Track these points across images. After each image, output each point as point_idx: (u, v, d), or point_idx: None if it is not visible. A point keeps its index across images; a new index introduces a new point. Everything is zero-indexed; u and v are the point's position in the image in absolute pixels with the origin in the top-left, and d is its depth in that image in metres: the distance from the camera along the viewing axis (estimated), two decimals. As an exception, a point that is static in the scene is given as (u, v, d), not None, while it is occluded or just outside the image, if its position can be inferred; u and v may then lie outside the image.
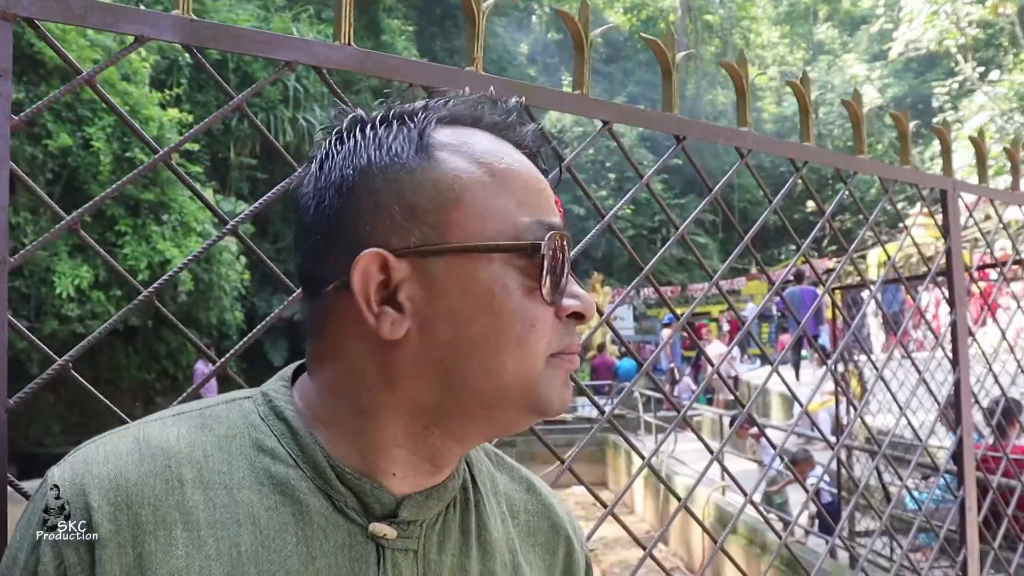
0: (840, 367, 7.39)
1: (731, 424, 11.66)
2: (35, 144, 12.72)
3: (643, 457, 1.72)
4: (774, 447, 2.07)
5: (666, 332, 18.49)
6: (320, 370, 0.86)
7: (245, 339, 1.30)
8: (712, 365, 1.89)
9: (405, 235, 0.81)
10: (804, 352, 15.31)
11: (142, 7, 1.19)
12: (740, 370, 17.15)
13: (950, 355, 2.49)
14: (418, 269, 0.80)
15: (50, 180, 13.95)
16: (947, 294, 2.52)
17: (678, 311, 1.76)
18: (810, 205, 31.32)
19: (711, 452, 1.88)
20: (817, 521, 8.28)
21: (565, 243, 0.83)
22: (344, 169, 0.83)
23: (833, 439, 7.58)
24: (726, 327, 23.74)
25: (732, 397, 2.02)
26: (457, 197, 0.81)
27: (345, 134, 0.86)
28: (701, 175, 1.82)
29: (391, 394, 0.83)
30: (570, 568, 1.03)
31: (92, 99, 12.55)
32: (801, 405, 2.04)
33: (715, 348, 16.85)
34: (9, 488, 1.05)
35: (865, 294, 7.65)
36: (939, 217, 2.55)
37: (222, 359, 1.25)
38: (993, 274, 5.88)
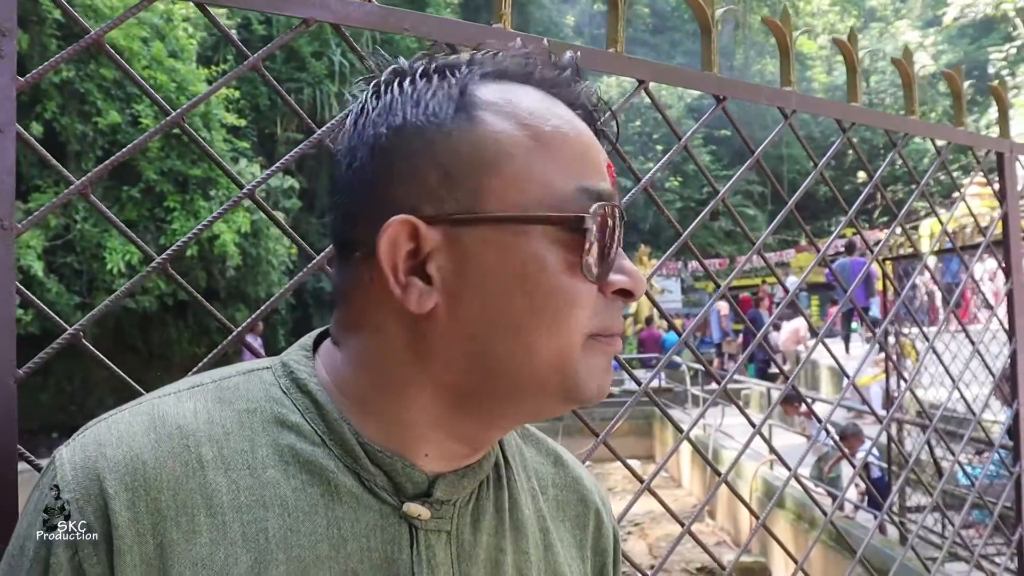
0: (891, 339, 7.25)
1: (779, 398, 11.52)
2: (85, 122, 12.88)
3: (681, 431, 1.66)
4: (819, 421, 2.00)
5: (722, 305, 18.23)
6: (347, 340, 0.81)
7: (260, 310, 1.26)
8: (754, 333, 1.82)
9: (438, 202, 0.74)
10: (854, 325, 15.05)
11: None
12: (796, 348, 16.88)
13: (1006, 326, 2.40)
14: (450, 239, 0.74)
15: (100, 157, 14.13)
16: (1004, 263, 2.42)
17: (737, 284, 1.70)
18: (861, 175, 30.76)
19: (753, 426, 1.82)
20: (866, 497, 8.15)
21: (615, 214, 0.76)
22: (378, 127, 0.77)
23: (883, 413, 7.44)
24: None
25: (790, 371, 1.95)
26: (496, 162, 0.74)
27: (383, 88, 0.80)
28: (742, 135, 1.74)
29: (421, 371, 0.77)
30: (599, 542, 0.98)
31: (140, 76, 12.64)
32: (848, 377, 1.97)
33: (792, 323, 16.38)
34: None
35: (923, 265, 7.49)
36: (996, 184, 2.45)
37: (238, 328, 1.21)
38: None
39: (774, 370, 16.17)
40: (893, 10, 44.79)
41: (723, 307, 18.52)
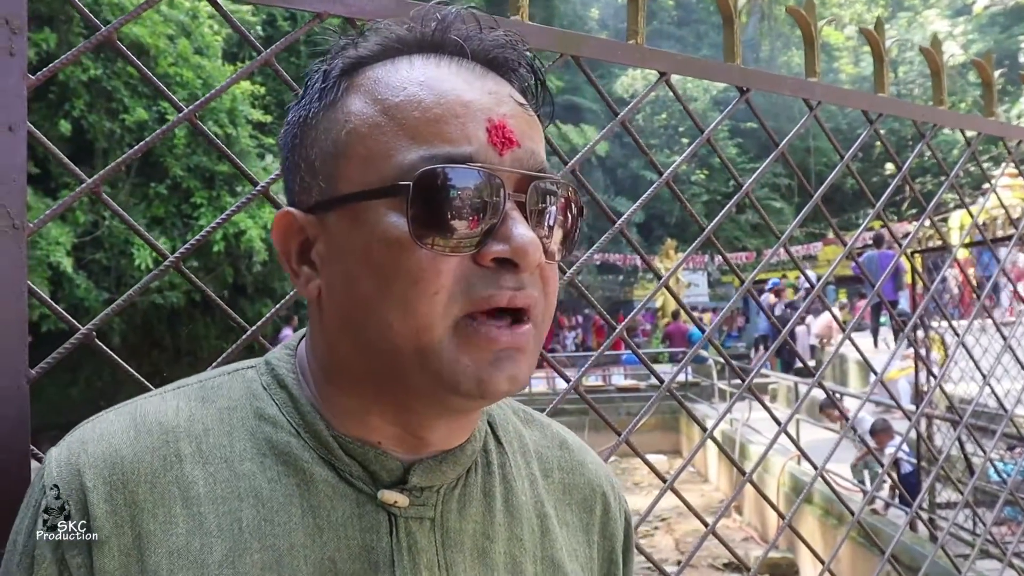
0: (920, 333, 7.16)
1: (807, 393, 11.44)
2: (113, 119, 12.98)
3: (704, 429, 1.64)
4: (846, 419, 1.97)
5: (770, 298, 18.03)
6: (308, 335, 0.84)
7: (275, 307, 1.24)
8: (778, 327, 1.79)
9: (309, 191, 0.77)
10: (882, 319, 14.90)
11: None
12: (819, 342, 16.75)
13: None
14: (323, 225, 0.76)
15: (128, 154, 14.22)
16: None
17: (760, 277, 1.67)
18: (889, 167, 30.44)
19: (778, 423, 1.79)
20: (898, 493, 8.07)
21: (475, 176, 0.70)
22: (285, 125, 0.81)
23: (912, 408, 7.37)
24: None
25: (817, 366, 1.93)
26: (348, 143, 0.74)
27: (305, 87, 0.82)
28: (765, 127, 1.71)
29: (333, 357, 0.79)
30: (607, 526, 0.97)
31: (166, 73, 12.74)
32: (875, 373, 1.93)
33: (824, 316, 16.22)
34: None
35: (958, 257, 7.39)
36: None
37: (253, 327, 1.20)
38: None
39: (799, 364, 16.06)
40: (922, -1, 44.30)
41: (770, 299, 18.31)
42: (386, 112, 0.73)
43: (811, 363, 16.54)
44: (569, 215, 0.79)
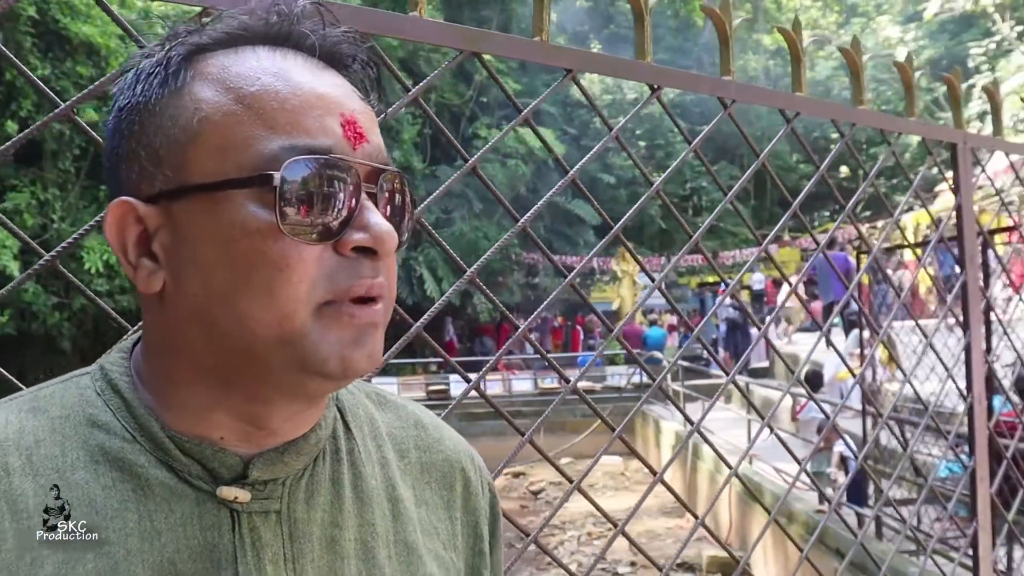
0: (867, 334, 7.25)
1: (724, 387, 11.55)
2: (62, 120, 12.72)
3: (613, 429, 1.63)
4: (762, 421, 1.98)
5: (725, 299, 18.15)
6: (143, 334, 0.82)
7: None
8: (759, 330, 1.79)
9: (152, 180, 0.74)
10: (835, 321, 15.09)
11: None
12: (780, 341, 16.92)
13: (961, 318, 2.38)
14: (168, 216, 0.74)
15: (77, 155, 14.04)
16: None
17: (712, 279, 1.68)
18: (843, 170, 30.84)
19: (691, 423, 1.78)
20: (845, 491, 8.16)
21: (326, 166, 0.72)
22: (112, 111, 0.78)
23: (859, 407, 7.47)
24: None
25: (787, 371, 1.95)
26: (198, 131, 0.73)
27: (129, 71, 0.79)
28: (677, 124, 1.71)
29: (176, 354, 0.77)
30: (468, 500, 0.97)
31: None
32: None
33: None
34: None
35: (909, 258, 7.50)
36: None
37: (136, 327, 1.17)
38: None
39: (754, 364, 16.25)
40: (875, 5, 44.88)
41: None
42: (241, 101, 0.72)
43: (764, 364, 16.73)
44: (406, 207, 0.81)
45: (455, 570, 0.92)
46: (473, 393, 1.47)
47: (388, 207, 0.78)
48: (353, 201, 0.73)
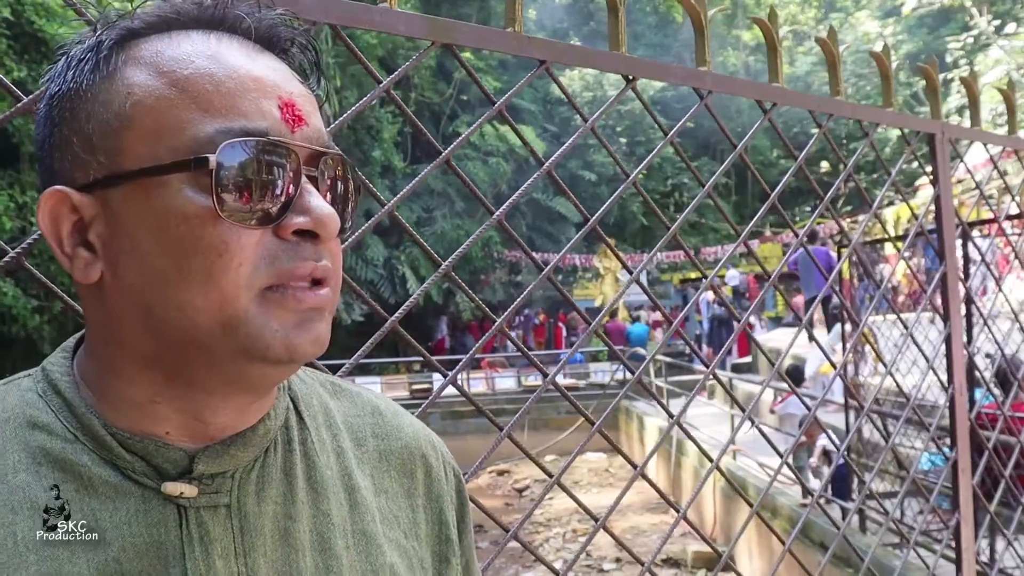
0: (848, 327, 7.27)
1: (702, 383, 11.58)
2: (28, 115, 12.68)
3: (593, 423, 1.61)
4: (746, 417, 1.96)
5: (709, 295, 18.25)
6: (85, 329, 0.80)
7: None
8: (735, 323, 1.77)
9: (85, 168, 0.73)
10: (817, 314, 15.17)
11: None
12: (758, 335, 16.99)
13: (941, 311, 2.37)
14: (103, 204, 0.72)
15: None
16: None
17: (695, 276, 1.66)
18: (824, 166, 30.96)
19: (671, 415, 1.77)
20: (830, 485, 8.18)
21: (263, 150, 0.71)
22: (43, 99, 0.77)
23: (841, 402, 7.48)
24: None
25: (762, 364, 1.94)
26: (131, 116, 0.71)
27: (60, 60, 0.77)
28: (653, 115, 1.69)
29: (118, 346, 0.75)
30: (431, 488, 0.95)
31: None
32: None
33: None
34: None
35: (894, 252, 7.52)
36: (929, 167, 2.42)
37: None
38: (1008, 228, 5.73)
39: (737, 360, 16.32)
40: (853, 0, 45.10)
41: (709, 296, 18.50)
42: (175, 84, 0.71)
43: (747, 359, 16.79)
44: (349, 191, 0.80)
45: (417, 558, 0.91)
46: (457, 391, 1.45)
47: (330, 192, 0.77)
48: (292, 184, 0.72)
